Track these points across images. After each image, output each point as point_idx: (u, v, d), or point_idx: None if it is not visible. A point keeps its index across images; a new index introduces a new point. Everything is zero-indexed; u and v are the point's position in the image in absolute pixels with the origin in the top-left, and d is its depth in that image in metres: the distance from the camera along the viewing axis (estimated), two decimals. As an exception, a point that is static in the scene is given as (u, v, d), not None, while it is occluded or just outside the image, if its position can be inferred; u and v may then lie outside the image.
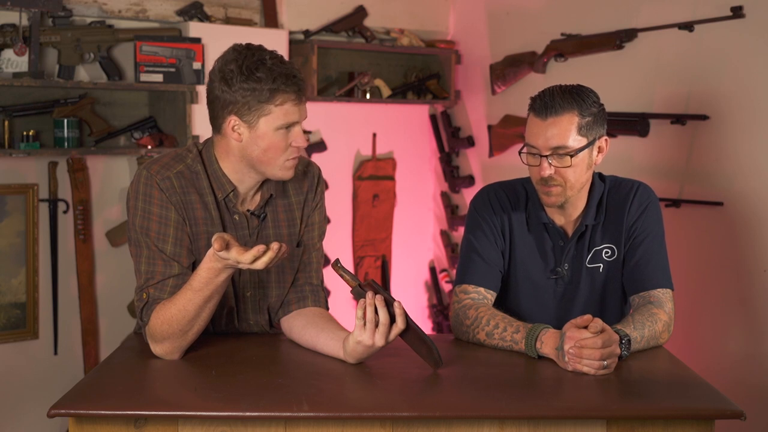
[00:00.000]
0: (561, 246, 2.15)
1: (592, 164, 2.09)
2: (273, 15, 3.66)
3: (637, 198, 2.13)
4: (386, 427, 1.63)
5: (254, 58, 1.86)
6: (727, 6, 2.93)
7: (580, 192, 2.11)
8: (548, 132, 2.02)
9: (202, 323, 1.86)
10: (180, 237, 1.92)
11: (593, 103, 2.05)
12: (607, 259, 2.14)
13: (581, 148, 2.03)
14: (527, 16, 3.77)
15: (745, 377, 2.92)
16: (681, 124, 3.09)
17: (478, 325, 2.02)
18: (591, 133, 2.05)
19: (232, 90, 1.86)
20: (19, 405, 3.20)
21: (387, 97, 3.99)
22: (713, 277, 3.04)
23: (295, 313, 2.05)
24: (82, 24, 3.24)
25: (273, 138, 1.89)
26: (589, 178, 2.12)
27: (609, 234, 2.14)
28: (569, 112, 2.02)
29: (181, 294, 1.83)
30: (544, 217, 2.15)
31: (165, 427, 1.63)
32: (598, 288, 2.16)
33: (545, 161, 2.03)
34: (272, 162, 1.91)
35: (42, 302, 3.24)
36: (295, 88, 1.87)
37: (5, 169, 3.13)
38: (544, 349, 1.89)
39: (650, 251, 2.11)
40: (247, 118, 1.87)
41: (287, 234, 2.05)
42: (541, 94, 2.06)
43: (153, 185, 1.92)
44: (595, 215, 2.13)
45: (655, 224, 2.14)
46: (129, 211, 1.96)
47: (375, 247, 4.12)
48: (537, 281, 2.17)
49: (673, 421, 1.65)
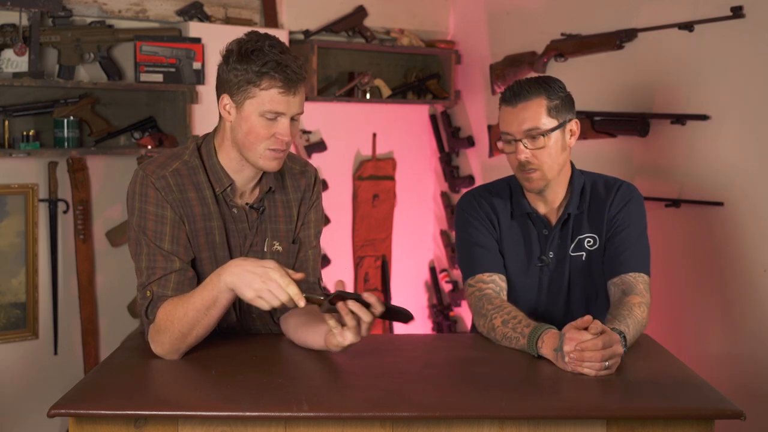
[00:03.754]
0: (545, 234, 2.23)
1: (566, 146, 2.19)
2: (273, 15, 3.66)
3: (620, 192, 2.23)
4: (386, 427, 1.64)
5: (258, 43, 1.89)
6: (727, 6, 2.93)
7: (560, 177, 2.20)
8: (520, 116, 2.14)
9: (202, 331, 1.86)
10: (177, 235, 1.93)
11: (560, 89, 2.19)
12: (589, 248, 2.21)
13: (553, 129, 2.14)
14: (527, 16, 3.77)
15: (745, 377, 2.92)
16: (681, 124, 3.09)
17: (500, 311, 2.05)
18: (561, 115, 2.17)
19: (227, 69, 1.90)
20: (19, 405, 3.20)
21: (387, 97, 3.99)
22: (713, 277, 3.04)
23: (290, 311, 2.05)
24: (82, 24, 3.24)
25: (255, 122, 1.90)
26: (566, 162, 2.21)
27: (591, 224, 2.22)
28: (537, 97, 2.15)
29: (189, 295, 1.85)
30: (527, 207, 2.24)
31: (165, 427, 1.63)
32: (583, 276, 2.22)
33: (520, 145, 2.15)
34: (252, 147, 1.92)
35: (42, 302, 3.24)
36: (282, 77, 1.86)
37: (5, 169, 3.13)
38: (543, 349, 1.90)
39: (629, 239, 2.18)
40: (236, 98, 1.90)
41: (284, 230, 2.07)
42: (509, 86, 2.19)
43: (148, 185, 1.93)
44: (578, 204, 2.21)
45: (636, 217, 2.21)
46: (128, 211, 1.98)
47: (375, 247, 4.12)
48: (523, 270, 2.23)
49: (673, 421, 1.65)
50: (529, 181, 2.18)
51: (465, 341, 2.08)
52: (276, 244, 2.05)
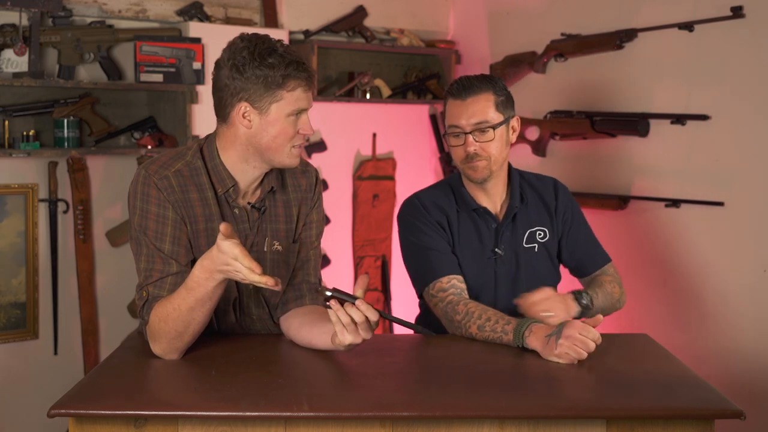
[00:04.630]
0: (495, 228, 2.27)
1: (509, 142, 2.27)
2: (273, 15, 3.66)
3: (560, 189, 2.36)
4: (386, 427, 1.64)
5: (265, 45, 1.89)
6: (727, 6, 2.93)
7: (501, 171, 2.27)
8: (469, 110, 2.20)
9: (197, 326, 1.85)
10: (177, 236, 1.92)
11: (503, 86, 2.27)
12: (541, 240, 2.31)
13: (500, 123, 2.21)
14: (527, 16, 3.77)
15: (744, 377, 2.92)
16: (681, 124, 3.09)
17: (470, 319, 2.08)
18: (505, 111, 2.25)
19: (244, 77, 1.88)
20: (19, 405, 3.20)
21: (387, 97, 3.99)
22: (713, 277, 3.04)
23: (292, 312, 2.05)
24: (82, 24, 3.24)
25: (283, 124, 1.92)
26: (507, 156, 2.28)
27: (539, 217, 2.31)
28: (486, 92, 2.22)
29: (177, 292, 1.83)
30: (473, 204, 2.29)
31: (165, 427, 1.63)
32: (539, 267, 2.31)
33: (470, 138, 2.20)
34: (280, 149, 1.94)
35: (42, 302, 3.24)
36: (305, 75, 1.91)
37: (5, 169, 3.13)
38: (530, 339, 1.94)
39: (587, 236, 2.36)
40: (259, 104, 1.90)
41: (284, 229, 2.07)
42: (456, 81, 2.25)
43: (151, 184, 1.93)
44: (520, 198, 2.29)
45: (579, 211, 2.38)
46: (129, 210, 1.97)
47: (375, 247, 4.12)
48: (479, 264, 2.27)
49: (672, 421, 1.65)
50: (474, 169, 2.22)
51: (465, 341, 2.08)
52: (276, 243, 2.05)
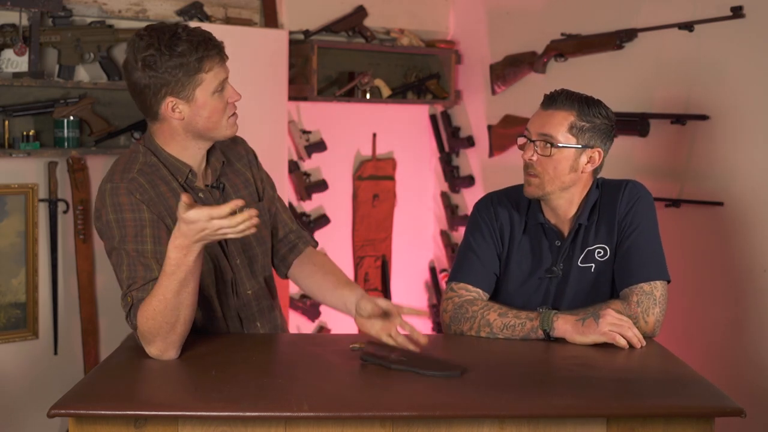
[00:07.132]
0: (557, 246, 2.20)
1: (578, 169, 2.14)
2: (273, 15, 3.66)
3: (626, 194, 2.18)
4: (386, 427, 1.63)
5: (168, 35, 1.89)
6: (727, 6, 2.93)
7: (564, 193, 2.16)
8: (543, 120, 2.15)
9: (187, 312, 1.81)
10: (158, 234, 1.90)
11: (598, 114, 2.14)
12: (599, 260, 2.17)
13: (567, 146, 2.12)
14: (527, 16, 3.77)
15: (745, 376, 2.92)
16: (681, 124, 3.09)
17: (490, 308, 2.11)
18: (584, 138, 2.13)
19: (160, 73, 1.89)
20: (19, 405, 3.20)
21: (387, 97, 3.99)
22: (713, 277, 3.04)
23: (295, 262, 2.18)
24: (82, 24, 3.24)
25: (212, 103, 1.94)
26: (574, 183, 2.16)
27: (602, 234, 2.17)
28: (567, 110, 2.13)
29: (157, 285, 1.79)
30: (540, 218, 2.22)
31: (165, 427, 1.63)
32: (586, 287, 2.17)
33: (531, 145, 2.15)
34: (217, 124, 1.97)
35: (42, 302, 3.24)
36: (216, 50, 1.93)
37: (5, 169, 3.13)
38: (559, 323, 2.00)
39: (636, 245, 2.13)
40: (184, 94, 1.91)
41: (247, 194, 2.12)
42: (553, 91, 2.18)
43: (119, 194, 1.91)
44: (589, 216, 2.18)
45: (643, 217, 2.16)
46: (101, 232, 1.95)
47: (375, 247, 4.12)
48: (531, 281, 2.21)
49: (673, 419, 1.65)
50: (527, 183, 2.18)
51: (464, 341, 2.08)
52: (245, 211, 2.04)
